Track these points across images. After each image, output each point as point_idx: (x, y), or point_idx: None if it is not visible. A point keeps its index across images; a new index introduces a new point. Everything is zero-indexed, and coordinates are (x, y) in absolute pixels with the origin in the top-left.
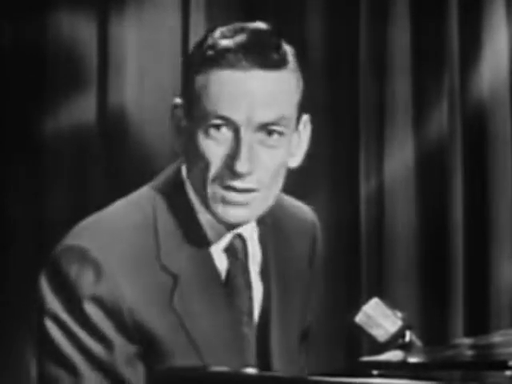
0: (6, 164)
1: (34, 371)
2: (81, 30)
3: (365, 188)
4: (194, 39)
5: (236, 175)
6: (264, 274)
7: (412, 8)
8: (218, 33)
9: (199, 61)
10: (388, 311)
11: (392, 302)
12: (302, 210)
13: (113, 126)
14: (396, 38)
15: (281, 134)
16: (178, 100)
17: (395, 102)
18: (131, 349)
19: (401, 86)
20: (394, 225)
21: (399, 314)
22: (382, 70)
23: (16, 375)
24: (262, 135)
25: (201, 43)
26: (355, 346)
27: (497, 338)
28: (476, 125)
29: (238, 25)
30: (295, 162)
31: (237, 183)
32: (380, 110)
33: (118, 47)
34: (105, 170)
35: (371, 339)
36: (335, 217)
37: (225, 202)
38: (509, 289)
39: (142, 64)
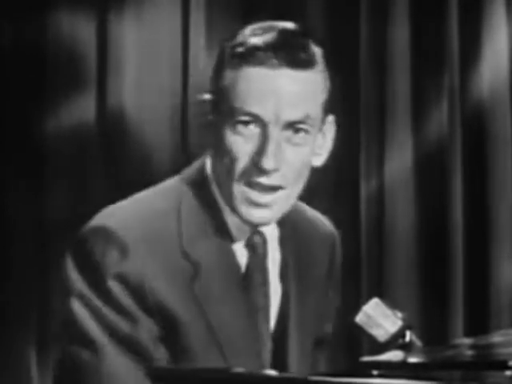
0: (5, 164)
1: (34, 371)
2: (80, 30)
3: (365, 188)
4: (193, 39)
5: (262, 171)
6: (283, 275)
7: (412, 8)
8: (247, 31)
9: (228, 57)
10: (388, 311)
11: (392, 302)
12: (322, 220)
13: (112, 126)
14: (396, 37)
15: (307, 132)
16: (206, 95)
17: (395, 102)
18: (155, 328)
19: (401, 86)
20: (394, 225)
21: (399, 314)
22: (382, 70)
23: (16, 375)
24: (288, 133)
25: (230, 40)
26: (355, 346)
27: (497, 338)
28: (476, 125)
29: (268, 24)
30: (319, 161)
31: (263, 179)
32: (380, 110)
33: (118, 47)
34: (105, 170)
35: (371, 339)
36: (335, 217)
37: (249, 202)
38: (508, 289)
39: (141, 64)
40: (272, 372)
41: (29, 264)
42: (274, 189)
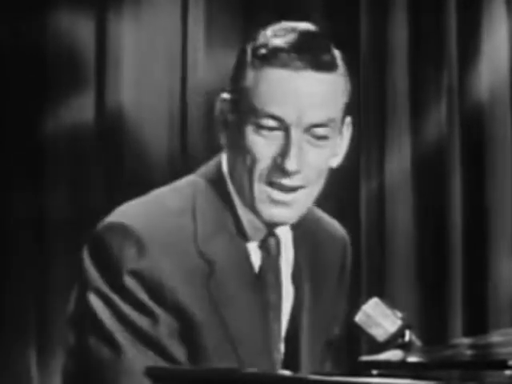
0: (5, 164)
1: (34, 371)
2: (79, 30)
3: (365, 189)
4: (192, 38)
5: (285, 173)
6: (296, 276)
7: (410, 6)
8: (269, 31)
9: (250, 58)
10: (387, 311)
11: (391, 302)
12: (334, 224)
13: (111, 125)
14: (395, 37)
15: (328, 134)
16: (226, 95)
17: (395, 102)
18: (174, 325)
19: (400, 86)
20: (394, 225)
21: (399, 314)
22: (381, 70)
23: (16, 375)
24: (310, 135)
25: (252, 41)
26: (355, 345)
27: (496, 337)
28: (475, 124)
29: (289, 24)
30: (336, 162)
31: (285, 181)
32: (380, 111)
33: (116, 46)
34: (103, 170)
35: (371, 339)
36: (335, 217)
37: (270, 201)
38: (507, 289)
39: (139, 63)
40: (270, 371)
41: (29, 264)
42: (294, 190)
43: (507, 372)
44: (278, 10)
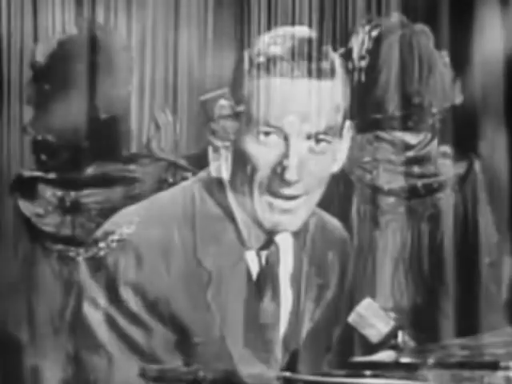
0: None
1: (26, 373)
2: (70, 31)
3: (358, 188)
4: (185, 38)
5: (285, 183)
6: (295, 281)
7: (404, 9)
8: (267, 39)
9: (248, 66)
10: (381, 311)
11: (384, 303)
12: (335, 225)
13: (104, 126)
14: (388, 41)
15: (328, 141)
16: (224, 102)
17: (392, 103)
18: (169, 337)
19: (392, 91)
20: (387, 225)
21: (392, 315)
22: (374, 73)
23: (9, 376)
24: (310, 143)
25: (250, 48)
26: (348, 346)
27: (488, 338)
28: (467, 127)
29: (286, 30)
30: (337, 167)
31: (285, 190)
32: (377, 110)
33: (108, 45)
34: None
35: (364, 339)
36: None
37: (272, 209)
38: (501, 290)
39: (132, 63)
40: (266, 372)
41: (28, 263)
42: (295, 198)
43: (499, 373)
44: (271, 10)
